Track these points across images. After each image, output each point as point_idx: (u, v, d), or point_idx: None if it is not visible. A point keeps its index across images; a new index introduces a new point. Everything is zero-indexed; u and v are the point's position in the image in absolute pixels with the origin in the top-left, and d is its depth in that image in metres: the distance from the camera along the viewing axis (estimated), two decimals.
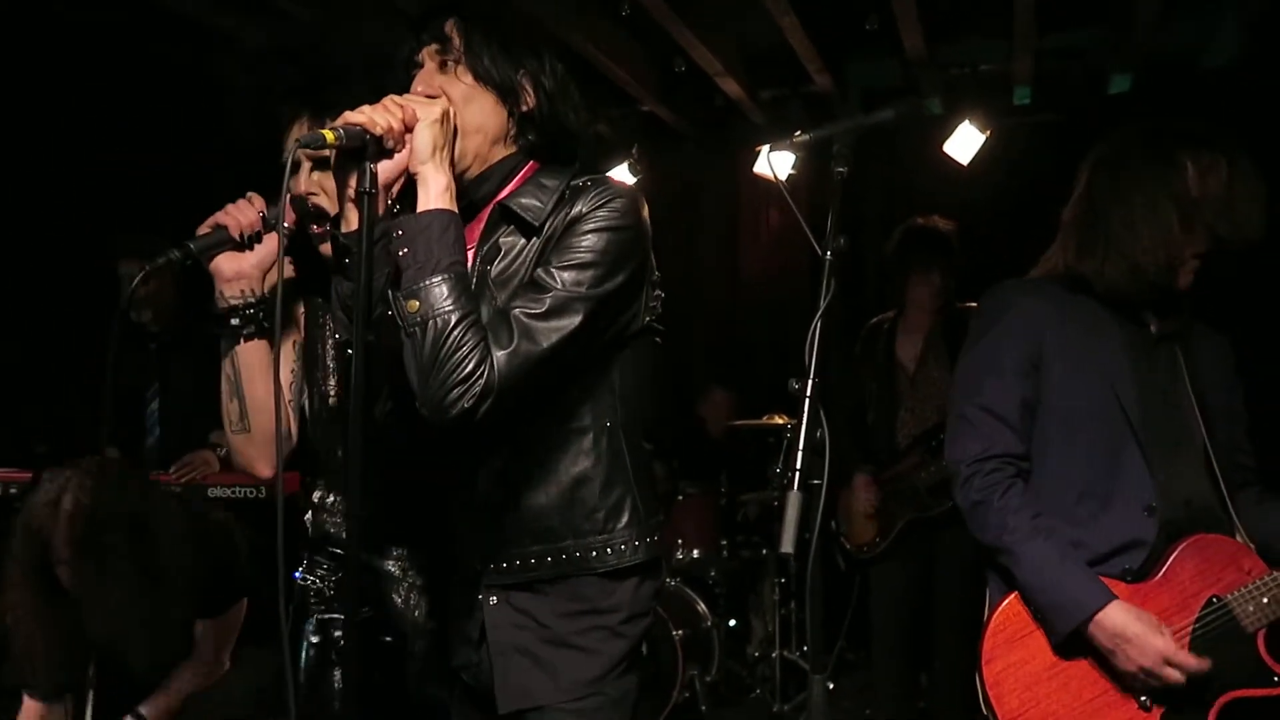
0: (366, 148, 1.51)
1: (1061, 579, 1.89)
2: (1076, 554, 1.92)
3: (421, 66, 1.68)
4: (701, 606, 4.47)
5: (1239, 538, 1.96)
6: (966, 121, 4.77)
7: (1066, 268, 2.04)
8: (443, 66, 1.66)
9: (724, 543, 4.94)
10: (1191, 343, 2.06)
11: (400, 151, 1.55)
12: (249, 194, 1.80)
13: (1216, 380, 2.06)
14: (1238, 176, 1.92)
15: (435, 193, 1.55)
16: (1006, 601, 1.96)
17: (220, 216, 1.79)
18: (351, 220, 1.56)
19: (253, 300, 1.79)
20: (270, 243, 1.79)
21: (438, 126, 1.56)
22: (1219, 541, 1.94)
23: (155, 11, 3.97)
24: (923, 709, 3.96)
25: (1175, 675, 1.83)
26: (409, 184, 1.58)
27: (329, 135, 1.49)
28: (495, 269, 1.66)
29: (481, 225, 1.70)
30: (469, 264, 1.67)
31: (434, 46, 1.67)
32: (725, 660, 4.60)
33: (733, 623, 5.12)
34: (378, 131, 1.52)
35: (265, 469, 1.85)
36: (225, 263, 1.79)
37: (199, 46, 4.30)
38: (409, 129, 1.55)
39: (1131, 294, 1.97)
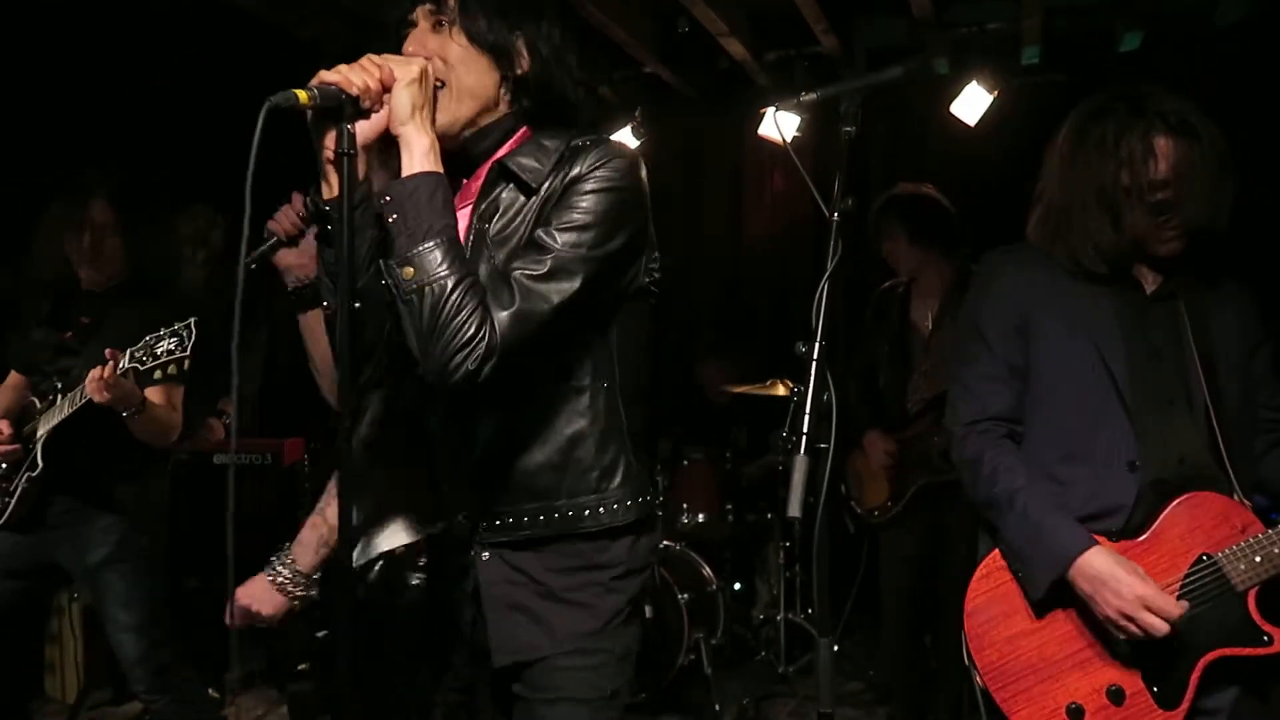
0: (343, 108, 1.46)
1: (1045, 527, 1.88)
2: (1062, 508, 1.91)
3: (415, 26, 1.64)
4: (706, 570, 4.48)
5: (1235, 496, 1.94)
6: (974, 81, 4.71)
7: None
8: (436, 26, 1.64)
9: (729, 507, 4.93)
10: (1203, 300, 2.02)
11: (378, 112, 1.51)
12: (293, 195, 1.91)
13: (1231, 338, 2.01)
14: (1197, 161, 1.86)
15: (419, 154, 1.52)
16: (991, 555, 1.97)
17: (270, 224, 1.93)
18: (333, 183, 1.51)
19: (306, 282, 2.00)
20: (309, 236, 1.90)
21: (416, 86, 1.52)
22: (1211, 499, 1.92)
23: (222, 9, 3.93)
24: (927, 672, 3.98)
25: (1152, 620, 1.78)
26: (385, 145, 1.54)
27: (302, 95, 1.43)
28: (494, 227, 1.64)
29: (479, 183, 1.68)
30: (467, 222, 1.65)
31: (428, 6, 1.64)
32: (730, 623, 4.62)
33: (738, 586, 5.14)
34: (354, 91, 1.47)
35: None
36: (281, 259, 1.97)
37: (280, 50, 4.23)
38: (387, 89, 1.50)
39: (1080, 274, 1.97)
